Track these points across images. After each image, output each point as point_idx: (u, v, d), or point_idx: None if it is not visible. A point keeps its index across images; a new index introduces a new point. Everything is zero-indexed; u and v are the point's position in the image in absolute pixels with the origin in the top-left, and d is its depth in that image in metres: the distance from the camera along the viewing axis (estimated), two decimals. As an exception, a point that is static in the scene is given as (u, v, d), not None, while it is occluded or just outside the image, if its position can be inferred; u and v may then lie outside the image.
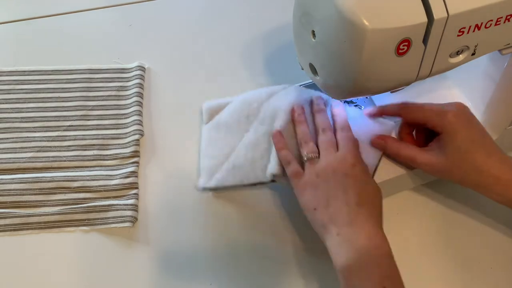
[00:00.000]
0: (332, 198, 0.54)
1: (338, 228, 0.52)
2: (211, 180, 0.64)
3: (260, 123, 0.64)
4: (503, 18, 0.50)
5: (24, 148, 0.69)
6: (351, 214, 0.52)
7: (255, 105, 0.66)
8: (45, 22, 0.85)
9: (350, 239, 0.51)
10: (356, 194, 0.53)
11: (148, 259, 0.61)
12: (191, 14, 0.87)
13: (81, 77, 0.76)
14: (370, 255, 0.50)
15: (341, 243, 0.51)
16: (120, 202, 0.64)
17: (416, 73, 0.52)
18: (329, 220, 0.53)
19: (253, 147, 0.63)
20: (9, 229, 0.63)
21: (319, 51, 0.53)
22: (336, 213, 0.53)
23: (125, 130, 0.71)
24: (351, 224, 0.52)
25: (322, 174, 0.56)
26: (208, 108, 0.70)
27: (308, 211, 0.55)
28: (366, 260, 0.49)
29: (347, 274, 0.49)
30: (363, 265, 0.49)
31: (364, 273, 0.49)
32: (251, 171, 0.62)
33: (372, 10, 0.46)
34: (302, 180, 0.57)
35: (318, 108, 0.63)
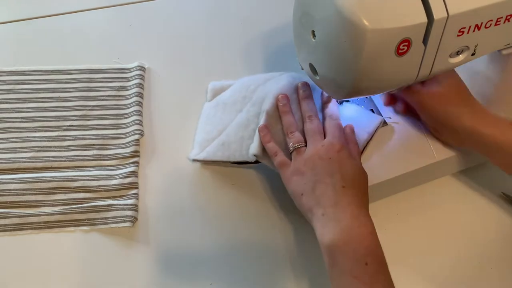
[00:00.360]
0: (318, 183, 0.55)
1: (323, 209, 0.53)
2: (202, 153, 0.67)
3: (252, 104, 0.66)
4: (503, 18, 0.50)
5: (24, 148, 0.69)
6: (336, 196, 0.54)
7: (252, 88, 0.69)
8: (45, 22, 0.85)
9: (334, 218, 0.52)
10: (341, 177, 0.55)
11: (148, 259, 0.61)
12: (191, 14, 0.87)
13: (81, 77, 0.76)
14: (354, 233, 0.51)
15: (326, 222, 0.52)
16: (120, 202, 0.64)
17: (416, 73, 0.52)
18: (316, 203, 0.54)
19: (243, 127, 0.65)
20: (9, 229, 0.63)
21: (319, 51, 0.53)
22: (321, 195, 0.54)
23: (125, 130, 0.71)
24: (336, 205, 0.53)
25: (309, 161, 0.57)
26: (213, 88, 0.74)
27: (296, 197, 0.57)
28: (350, 237, 0.51)
29: (331, 251, 0.51)
30: (346, 243, 0.51)
31: (347, 249, 0.50)
32: (238, 149, 0.64)
33: (372, 10, 0.46)
34: (289, 170, 0.59)
35: (304, 95, 0.65)
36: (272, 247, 0.63)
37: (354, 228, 0.51)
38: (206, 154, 0.66)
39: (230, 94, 0.71)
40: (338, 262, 0.50)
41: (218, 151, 0.66)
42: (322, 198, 0.54)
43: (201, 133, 0.69)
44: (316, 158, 0.57)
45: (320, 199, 0.54)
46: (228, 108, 0.69)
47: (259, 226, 0.64)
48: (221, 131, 0.67)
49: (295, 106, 0.65)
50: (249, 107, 0.66)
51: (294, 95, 0.65)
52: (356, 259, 0.50)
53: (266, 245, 0.63)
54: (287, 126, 0.62)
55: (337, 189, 0.54)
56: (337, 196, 0.54)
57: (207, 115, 0.71)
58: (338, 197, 0.54)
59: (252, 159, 0.63)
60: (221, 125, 0.68)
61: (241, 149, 0.64)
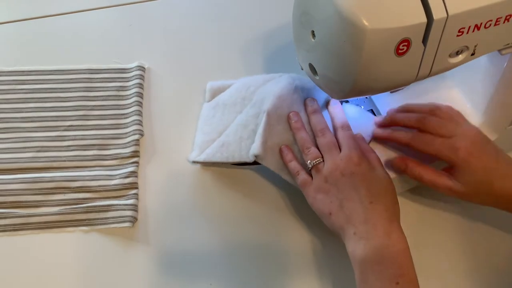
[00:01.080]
0: (345, 200, 0.55)
1: (354, 228, 0.53)
2: (202, 154, 0.67)
3: (251, 106, 0.66)
4: (502, 18, 0.50)
5: (24, 148, 0.69)
6: (366, 213, 0.53)
7: (252, 89, 0.68)
8: (45, 22, 0.85)
9: (366, 236, 0.52)
10: (367, 191, 0.54)
11: (148, 259, 0.61)
12: (191, 14, 0.87)
13: (81, 77, 0.76)
14: (386, 253, 0.51)
15: (358, 240, 0.52)
16: (120, 202, 0.64)
17: (416, 73, 0.52)
18: (346, 221, 0.54)
19: (242, 128, 0.65)
20: (9, 229, 0.63)
21: (319, 51, 0.53)
22: (351, 213, 0.54)
23: (125, 130, 0.71)
24: (366, 222, 0.53)
25: (330, 178, 0.57)
26: (211, 88, 0.74)
27: (324, 216, 0.56)
28: (382, 256, 0.50)
29: (362, 268, 0.51)
30: (378, 262, 0.50)
31: (379, 268, 0.50)
32: (237, 150, 0.64)
33: (372, 10, 0.46)
34: (311, 188, 0.58)
35: (312, 109, 0.64)
36: (272, 247, 0.63)
37: (386, 247, 0.51)
38: (206, 156, 0.66)
39: (230, 95, 0.71)
40: (369, 280, 0.50)
41: (217, 153, 0.65)
42: (352, 216, 0.53)
43: (201, 135, 0.69)
44: (338, 174, 0.56)
45: (349, 217, 0.54)
46: (227, 110, 0.69)
47: (259, 226, 0.64)
48: (220, 133, 0.67)
49: (296, 107, 0.64)
50: (248, 108, 0.66)
51: (295, 95, 0.65)
52: (388, 278, 0.49)
53: (266, 245, 0.63)
54: (302, 142, 0.61)
55: (365, 205, 0.54)
56: (367, 213, 0.53)
57: (206, 116, 0.71)
58: (368, 214, 0.53)
59: (251, 159, 0.63)
60: (220, 126, 0.68)
61: (240, 150, 0.64)
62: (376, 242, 0.51)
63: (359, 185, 0.55)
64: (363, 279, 0.51)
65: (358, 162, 0.56)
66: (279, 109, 0.64)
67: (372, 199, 0.54)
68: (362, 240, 0.52)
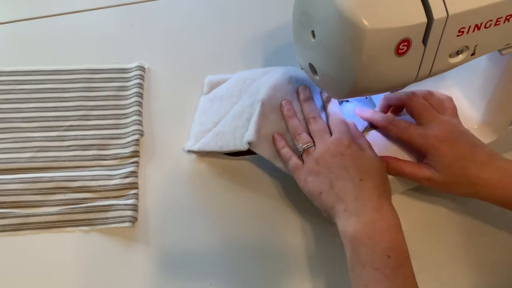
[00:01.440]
0: (335, 179, 0.55)
1: (345, 205, 0.53)
2: (197, 144, 0.68)
3: (247, 96, 0.67)
4: (503, 18, 0.50)
5: (24, 148, 0.69)
6: (356, 190, 0.54)
7: (248, 82, 0.70)
8: (45, 22, 0.85)
9: (356, 212, 0.52)
10: (357, 169, 0.55)
11: (148, 259, 0.61)
12: (191, 15, 0.87)
13: (81, 77, 0.76)
14: (376, 227, 0.51)
15: (349, 217, 0.52)
16: (120, 202, 0.64)
17: (416, 73, 0.52)
18: (336, 199, 0.54)
19: (237, 117, 0.66)
20: (9, 229, 0.63)
21: (319, 51, 0.53)
22: (341, 191, 0.54)
23: (125, 130, 0.71)
24: (356, 198, 0.53)
25: (321, 160, 0.57)
26: (209, 82, 0.75)
27: (314, 197, 0.57)
28: (372, 231, 0.51)
29: (353, 245, 0.51)
30: (369, 236, 0.51)
31: (370, 243, 0.50)
32: (232, 139, 0.65)
33: (372, 10, 0.46)
34: (303, 171, 0.59)
35: (305, 97, 0.65)
36: (273, 247, 0.62)
37: (377, 222, 0.51)
38: (201, 145, 0.67)
39: (227, 88, 0.72)
40: (360, 255, 0.50)
41: (212, 142, 0.66)
42: (342, 194, 0.54)
43: (197, 125, 0.70)
44: (328, 155, 0.57)
45: (340, 195, 0.54)
46: (224, 101, 0.70)
47: (259, 226, 0.64)
48: (216, 123, 0.68)
49: (290, 97, 0.65)
50: (244, 99, 0.67)
51: (289, 86, 0.66)
52: (379, 252, 0.50)
53: (267, 245, 0.63)
54: (294, 129, 0.62)
55: (355, 183, 0.54)
56: (357, 190, 0.54)
57: (203, 108, 0.72)
58: (358, 191, 0.54)
59: (244, 147, 0.63)
60: (216, 117, 0.69)
61: (235, 139, 0.64)
62: (367, 217, 0.52)
63: (348, 164, 0.56)
64: (354, 255, 0.51)
65: (348, 144, 0.57)
66: (273, 99, 0.65)
67: (362, 177, 0.55)
68: (353, 216, 0.52)
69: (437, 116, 0.60)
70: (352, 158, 0.56)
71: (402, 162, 0.61)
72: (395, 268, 0.49)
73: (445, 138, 0.58)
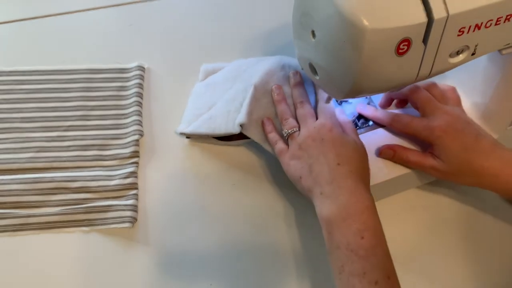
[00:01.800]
0: (314, 164, 0.57)
1: (321, 188, 0.55)
2: (189, 126, 0.69)
3: (240, 81, 0.69)
4: (503, 18, 0.50)
5: (24, 149, 0.69)
6: (332, 173, 0.55)
7: (243, 68, 0.71)
8: (45, 22, 0.85)
9: (331, 195, 0.54)
10: (336, 155, 0.56)
11: (148, 259, 0.61)
12: (191, 14, 0.87)
13: (81, 77, 0.76)
14: (350, 209, 0.52)
15: (324, 200, 0.54)
16: (119, 203, 0.64)
17: (416, 73, 0.52)
18: (313, 183, 0.56)
19: (230, 102, 0.67)
20: (9, 229, 0.63)
21: (319, 51, 0.53)
22: (318, 175, 0.56)
23: (125, 130, 0.71)
24: (332, 181, 0.54)
25: (303, 144, 0.59)
26: (205, 69, 0.76)
27: (295, 181, 0.59)
28: (346, 213, 0.52)
29: (329, 227, 0.52)
30: (343, 218, 0.52)
31: (344, 225, 0.51)
32: (224, 122, 0.66)
33: (372, 10, 0.46)
34: (287, 155, 0.60)
35: (295, 82, 0.66)
36: (273, 247, 0.62)
37: (351, 204, 0.52)
38: (193, 127, 0.68)
39: (222, 75, 0.73)
40: (335, 237, 0.51)
41: (204, 124, 0.67)
42: (319, 178, 0.55)
43: (190, 109, 0.71)
44: (310, 140, 0.58)
45: (317, 179, 0.55)
46: (218, 87, 0.72)
47: (260, 226, 0.64)
48: (209, 108, 0.70)
49: (282, 82, 0.67)
50: (238, 84, 0.69)
51: (282, 72, 0.68)
52: (353, 233, 0.51)
53: (267, 244, 0.63)
54: (281, 114, 0.64)
55: (332, 167, 0.55)
56: (333, 174, 0.55)
57: (198, 94, 0.73)
58: (334, 175, 0.55)
59: (236, 130, 0.64)
60: (210, 102, 0.70)
61: (227, 122, 0.66)
62: (341, 200, 0.53)
63: (327, 149, 0.56)
64: (330, 237, 0.52)
65: (330, 129, 0.58)
66: (266, 84, 0.66)
67: (340, 161, 0.55)
68: (328, 199, 0.53)
69: (440, 107, 0.60)
70: (332, 143, 0.57)
71: (408, 151, 0.61)
72: (369, 249, 0.50)
73: (449, 129, 0.58)
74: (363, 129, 0.66)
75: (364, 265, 0.49)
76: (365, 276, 0.49)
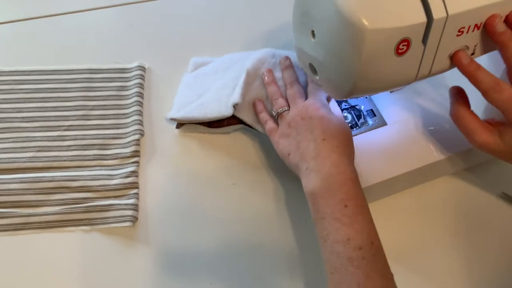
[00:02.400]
0: (301, 141, 0.58)
1: (307, 163, 0.56)
2: (180, 112, 0.70)
3: (233, 70, 0.71)
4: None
5: (24, 148, 0.69)
6: (317, 149, 0.56)
7: (235, 60, 0.73)
8: (45, 22, 0.85)
9: (316, 169, 0.55)
10: (322, 131, 0.57)
11: (148, 259, 0.61)
12: (191, 14, 0.87)
13: (81, 77, 0.76)
14: (333, 180, 0.54)
15: (309, 174, 0.55)
16: (120, 202, 0.64)
17: (416, 73, 0.52)
18: (300, 159, 0.57)
19: (222, 89, 0.69)
20: (10, 229, 0.63)
21: (319, 51, 0.53)
22: (304, 151, 0.57)
23: (126, 130, 0.71)
24: (317, 156, 0.56)
25: (292, 123, 0.61)
26: (195, 62, 0.77)
27: (284, 158, 0.60)
28: (330, 184, 0.53)
29: (313, 199, 0.54)
30: (327, 189, 0.53)
31: (327, 195, 0.53)
32: (216, 106, 0.67)
33: (372, 10, 0.46)
34: (277, 134, 0.63)
35: (285, 64, 0.69)
36: (274, 246, 0.63)
37: (334, 176, 0.54)
38: (184, 113, 0.69)
39: (212, 67, 0.75)
40: (320, 208, 0.53)
41: (195, 110, 0.68)
42: (305, 154, 0.57)
43: (180, 97, 0.72)
44: (298, 118, 0.60)
45: (303, 155, 0.57)
46: (208, 77, 0.73)
47: (260, 226, 0.64)
48: (200, 96, 0.71)
49: (273, 68, 0.69)
50: (230, 73, 0.70)
51: (273, 59, 0.71)
52: (336, 202, 0.52)
53: (268, 244, 0.63)
54: (271, 94, 0.66)
55: (318, 142, 0.57)
56: (318, 149, 0.56)
57: (187, 83, 0.74)
58: (319, 150, 0.56)
59: (230, 112, 0.66)
60: (200, 90, 0.72)
61: (220, 106, 0.67)
62: (325, 172, 0.54)
63: (315, 126, 0.58)
64: (315, 209, 0.54)
65: (318, 108, 0.60)
66: (258, 70, 0.69)
67: (325, 137, 0.57)
68: (313, 173, 0.55)
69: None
70: (319, 120, 0.58)
71: (472, 117, 0.57)
72: (352, 216, 0.51)
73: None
74: (363, 128, 0.66)
75: (347, 232, 0.50)
76: (349, 242, 0.50)
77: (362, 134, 0.65)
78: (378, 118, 0.67)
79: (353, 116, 0.67)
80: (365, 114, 0.67)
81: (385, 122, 0.66)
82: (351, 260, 0.49)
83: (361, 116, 0.67)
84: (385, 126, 0.66)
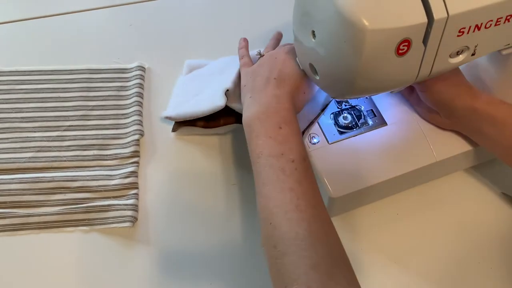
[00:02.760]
0: (259, 76, 0.61)
1: (252, 94, 0.59)
2: (175, 110, 0.71)
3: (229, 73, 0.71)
4: (503, 18, 0.50)
5: (24, 148, 0.69)
6: (266, 84, 0.59)
7: (230, 61, 0.74)
8: (45, 22, 0.85)
9: (258, 100, 0.58)
10: (278, 70, 0.60)
11: (148, 259, 0.61)
12: (191, 14, 0.87)
13: (81, 77, 0.76)
14: (270, 107, 0.56)
15: (250, 103, 0.58)
16: (120, 202, 0.64)
17: (416, 73, 0.52)
18: (249, 90, 0.60)
19: (215, 88, 0.69)
20: (9, 229, 0.63)
21: (319, 51, 0.53)
22: (256, 84, 0.60)
23: (125, 130, 0.71)
24: (263, 89, 0.59)
25: (262, 60, 0.64)
26: (189, 64, 0.79)
27: (241, 88, 0.63)
28: (266, 109, 0.56)
29: (250, 124, 0.56)
30: (263, 113, 0.55)
31: (263, 117, 0.55)
32: (210, 102, 0.68)
33: (372, 10, 0.46)
34: (249, 69, 0.65)
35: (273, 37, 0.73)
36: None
37: (272, 104, 0.56)
38: (179, 111, 0.70)
39: (208, 69, 0.76)
40: (255, 129, 0.55)
41: (190, 108, 0.70)
42: (255, 86, 0.60)
43: (175, 97, 0.74)
44: (267, 56, 0.64)
45: (253, 87, 0.60)
46: (204, 78, 0.74)
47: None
48: (194, 95, 0.72)
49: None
50: (225, 74, 0.71)
51: None
52: (271, 124, 0.54)
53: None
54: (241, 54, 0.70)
55: (270, 79, 0.59)
56: (267, 85, 0.58)
57: (183, 84, 0.75)
58: (267, 86, 0.58)
59: (222, 102, 0.66)
60: (196, 90, 0.72)
61: (212, 101, 0.67)
62: (265, 101, 0.56)
63: (275, 66, 0.60)
64: (250, 131, 0.55)
65: (287, 52, 0.62)
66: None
67: (278, 76, 0.59)
68: (254, 101, 0.57)
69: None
70: (281, 62, 0.61)
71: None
72: (286, 135, 0.54)
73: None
74: (363, 129, 0.66)
75: (281, 148, 0.53)
76: (283, 156, 0.52)
77: (362, 135, 0.65)
78: (378, 118, 0.67)
79: (353, 116, 0.67)
80: (365, 114, 0.67)
81: (385, 122, 0.66)
82: (283, 170, 0.51)
83: (361, 116, 0.67)
84: (385, 126, 0.66)
